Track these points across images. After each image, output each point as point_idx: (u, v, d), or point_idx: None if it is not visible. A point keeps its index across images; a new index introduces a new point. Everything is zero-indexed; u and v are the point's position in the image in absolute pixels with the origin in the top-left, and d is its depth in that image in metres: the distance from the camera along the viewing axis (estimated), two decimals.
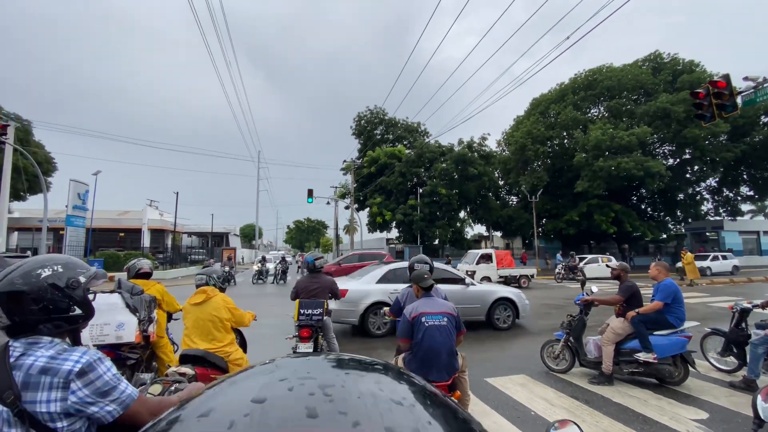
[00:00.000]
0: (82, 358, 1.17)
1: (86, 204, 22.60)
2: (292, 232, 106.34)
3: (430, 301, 3.12)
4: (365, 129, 39.54)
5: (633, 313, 4.68)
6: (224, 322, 3.20)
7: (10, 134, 19.72)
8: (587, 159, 27.27)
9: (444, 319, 2.96)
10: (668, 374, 4.64)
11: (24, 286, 1.19)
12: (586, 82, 31.80)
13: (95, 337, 3.31)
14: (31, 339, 1.18)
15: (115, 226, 39.62)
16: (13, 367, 1.12)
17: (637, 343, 4.67)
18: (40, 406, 1.11)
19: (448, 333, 2.94)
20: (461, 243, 31.89)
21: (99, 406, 1.17)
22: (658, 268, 4.85)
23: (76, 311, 1.29)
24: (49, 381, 1.12)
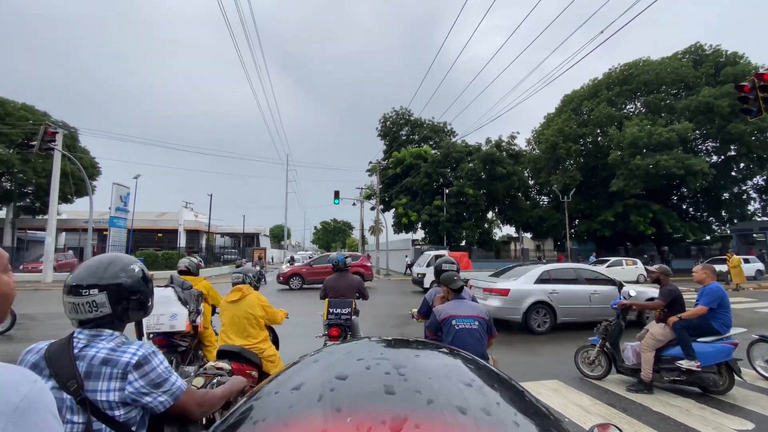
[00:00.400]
0: (139, 351, 1.25)
1: (127, 206, 23.87)
2: (319, 232, 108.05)
3: (460, 303, 3.08)
4: (390, 130, 39.58)
5: (675, 318, 4.44)
6: (258, 319, 3.30)
7: (58, 141, 21.11)
8: (623, 157, 26.14)
9: (475, 322, 2.92)
10: (712, 383, 4.38)
11: (127, 279, 1.32)
12: (621, 77, 30.53)
13: (152, 325, 3.72)
14: (94, 331, 1.27)
15: (154, 227, 41.59)
16: (77, 357, 1.20)
17: (679, 350, 4.44)
18: (101, 395, 1.18)
19: (479, 337, 2.90)
20: (489, 244, 31.35)
21: (152, 396, 1.24)
22: (706, 271, 4.57)
23: (150, 303, 1.42)
24: (109, 372, 1.20)
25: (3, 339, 7.33)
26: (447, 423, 0.60)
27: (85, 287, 1.26)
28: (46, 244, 19.82)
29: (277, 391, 0.75)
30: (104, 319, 1.28)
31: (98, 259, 1.36)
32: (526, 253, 31.79)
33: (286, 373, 0.83)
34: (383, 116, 40.02)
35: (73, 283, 1.26)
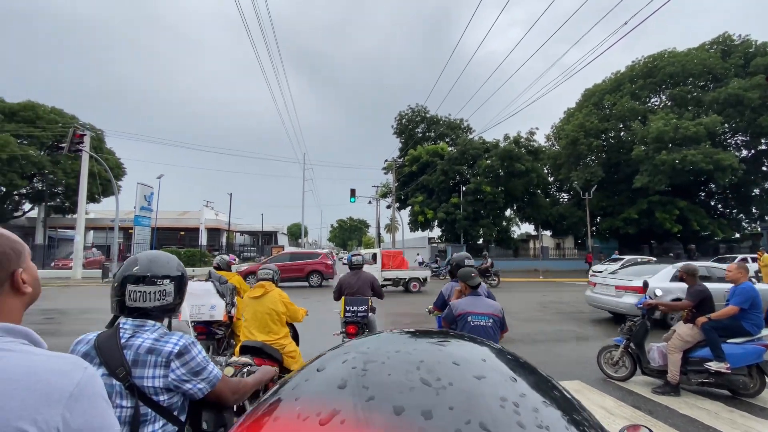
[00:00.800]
0: (180, 341, 1.35)
1: (151, 205, 24.61)
2: (335, 230, 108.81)
3: (476, 300, 3.19)
4: (406, 128, 39.43)
5: (704, 318, 4.29)
6: (280, 315, 3.37)
7: (86, 143, 21.93)
8: (647, 152, 25.36)
9: (489, 320, 3.05)
10: (742, 385, 4.23)
11: (181, 271, 1.49)
12: (645, 70, 29.58)
13: (194, 314, 4.10)
14: (139, 321, 1.37)
15: (176, 225, 42.74)
16: (125, 346, 1.30)
17: (707, 352, 4.29)
18: (147, 381, 1.28)
19: (492, 334, 3.02)
20: (507, 243, 30.94)
21: (192, 383, 1.34)
22: (740, 270, 4.37)
23: (180, 299, 1.52)
24: (154, 360, 1.30)
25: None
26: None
27: (159, 277, 1.40)
28: (76, 242, 20.64)
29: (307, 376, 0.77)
30: (156, 309, 1.40)
31: (157, 254, 1.49)
32: (546, 251, 31.24)
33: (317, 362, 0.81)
34: (399, 114, 39.92)
35: (146, 273, 1.39)
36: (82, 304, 12.01)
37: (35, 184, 34.09)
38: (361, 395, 0.60)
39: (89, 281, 19.71)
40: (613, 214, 29.88)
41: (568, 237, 34.69)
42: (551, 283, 20.57)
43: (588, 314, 10.17)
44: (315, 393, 0.66)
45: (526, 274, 26.52)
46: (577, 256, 32.57)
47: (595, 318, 9.65)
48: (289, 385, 0.74)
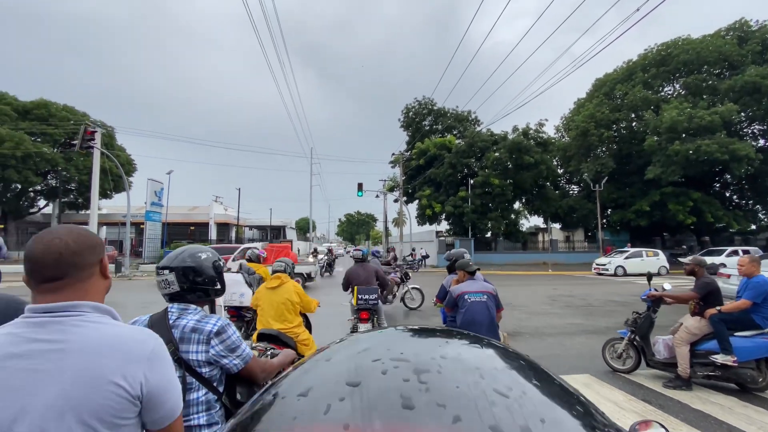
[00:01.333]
0: (218, 322, 1.58)
1: (161, 200, 24.91)
2: (343, 225, 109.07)
3: (473, 283, 3.78)
4: (413, 121, 39.15)
5: (713, 310, 4.23)
6: (295, 305, 3.56)
7: (97, 140, 22.18)
8: (660, 142, 24.82)
9: (484, 296, 3.59)
10: (750, 379, 4.16)
11: (192, 263, 1.64)
12: (658, 58, 28.82)
13: (227, 300, 5.04)
14: (183, 305, 1.61)
15: (187, 220, 43.25)
16: (172, 326, 1.53)
17: (714, 344, 4.23)
18: (191, 355, 1.51)
19: (488, 307, 3.54)
20: (516, 236, 30.70)
21: (229, 359, 1.56)
22: (754, 264, 4.27)
23: (217, 285, 1.72)
24: (197, 337, 1.53)
25: None
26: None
27: (161, 268, 1.63)
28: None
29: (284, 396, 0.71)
30: (177, 295, 1.62)
31: (178, 248, 1.73)
32: (555, 244, 30.94)
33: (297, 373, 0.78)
34: (406, 107, 39.63)
35: (157, 266, 1.67)
36: None
37: (49, 180, 34.76)
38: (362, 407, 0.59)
39: None
40: (624, 206, 29.41)
41: (577, 230, 34.28)
42: (560, 277, 20.39)
43: (598, 307, 10.06)
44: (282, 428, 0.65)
45: (535, 267, 26.32)
46: (587, 249, 32.21)
47: (606, 311, 9.54)
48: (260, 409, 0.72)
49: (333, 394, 0.64)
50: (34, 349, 0.87)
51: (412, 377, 0.65)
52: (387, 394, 0.61)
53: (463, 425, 0.54)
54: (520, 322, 8.34)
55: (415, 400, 0.59)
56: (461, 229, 30.19)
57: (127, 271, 20.23)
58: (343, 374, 0.70)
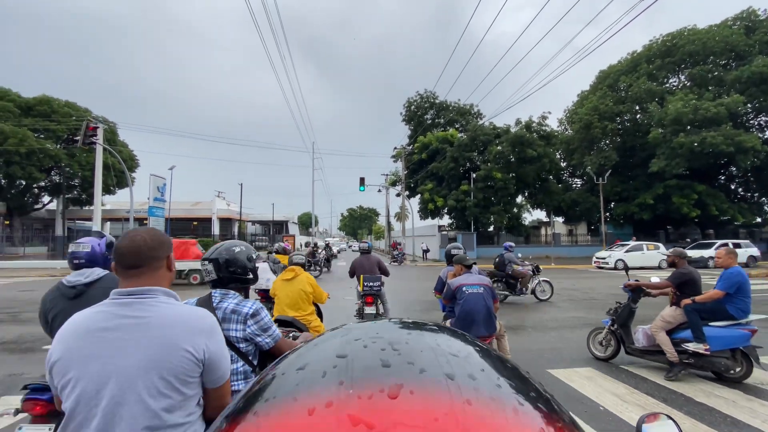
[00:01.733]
0: (253, 306, 1.88)
1: (164, 196, 24.92)
2: (345, 219, 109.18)
3: (469, 276, 4.03)
4: (415, 114, 38.93)
5: (688, 300, 4.38)
6: (308, 295, 3.91)
7: (99, 136, 22.19)
8: (665, 135, 24.60)
9: (480, 288, 3.84)
10: (724, 368, 4.25)
11: (227, 255, 1.93)
12: (663, 48, 28.47)
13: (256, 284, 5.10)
14: (224, 291, 1.91)
15: (189, 216, 43.39)
16: (216, 308, 1.82)
17: (689, 333, 4.36)
18: (231, 332, 1.80)
19: (484, 298, 3.79)
20: (519, 229, 30.54)
21: (261, 338, 1.86)
22: (729, 255, 4.43)
23: (250, 275, 2.00)
24: (236, 317, 1.83)
25: None
26: (437, 388, 0.68)
27: (203, 260, 1.96)
28: (93, 232, 21.08)
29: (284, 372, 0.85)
30: (218, 282, 1.92)
31: (218, 243, 2.03)
32: (558, 238, 30.82)
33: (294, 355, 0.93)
34: (407, 100, 39.40)
35: (203, 257, 1.96)
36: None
37: (53, 177, 34.89)
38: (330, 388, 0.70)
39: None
40: (628, 199, 29.23)
41: (580, 223, 34.14)
42: (563, 270, 20.35)
43: (600, 301, 10.03)
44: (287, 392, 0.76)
45: (538, 261, 26.16)
46: (590, 242, 32.09)
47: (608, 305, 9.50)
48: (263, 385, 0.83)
49: (326, 365, 0.79)
50: (122, 323, 1.15)
51: (387, 347, 0.83)
52: (369, 359, 0.78)
53: (427, 374, 0.72)
54: (522, 315, 8.33)
55: (391, 361, 0.77)
56: (464, 223, 30.09)
57: None
58: (332, 351, 0.86)
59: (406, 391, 0.66)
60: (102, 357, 1.12)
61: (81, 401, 1.10)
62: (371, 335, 0.91)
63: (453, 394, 0.66)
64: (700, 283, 4.50)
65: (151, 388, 1.11)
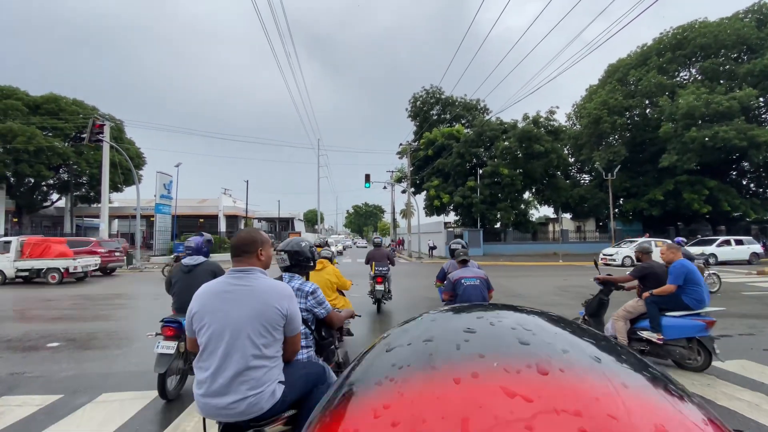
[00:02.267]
0: (312, 286, 2.53)
1: (170, 193, 25.02)
2: (351, 216, 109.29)
3: (467, 269, 4.52)
4: (421, 110, 38.65)
5: (647, 293, 4.74)
6: (333, 284, 4.51)
7: (106, 133, 22.31)
8: (676, 129, 24.16)
9: (477, 281, 4.34)
10: (679, 356, 4.52)
11: (297, 248, 2.58)
12: (674, 42, 27.91)
13: None
14: (291, 274, 2.56)
15: (196, 213, 43.62)
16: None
17: (647, 323, 4.70)
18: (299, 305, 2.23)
19: (480, 289, 4.30)
20: (526, 226, 30.17)
21: (318, 309, 2.51)
22: (671, 250, 4.80)
23: (311, 263, 2.67)
24: (300, 294, 2.45)
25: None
26: (587, 368, 0.66)
27: (278, 251, 2.60)
28: (101, 230, 21.25)
29: (410, 343, 0.81)
30: (288, 267, 2.58)
31: (289, 238, 2.71)
32: (566, 234, 30.48)
33: (410, 327, 0.91)
34: (413, 96, 39.13)
35: (277, 248, 2.61)
36: (106, 290, 12.37)
37: (61, 174, 35.21)
38: (472, 360, 0.70)
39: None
40: (637, 195, 28.82)
41: (589, 219, 33.72)
42: (571, 267, 20.13)
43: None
44: (424, 362, 0.74)
45: (545, 258, 26.02)
46: (598, 239, 31.74)
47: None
48: (389, 353, 0.81)
49: (455, 338, 0.76)
50: (236, 288, 1.81)
51: (517, 326, 0.79)
52: (503, 337, 0.76)
53: (571, 354, 0.70)
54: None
55: (528, 339, 0.74)
56: (470, 220, 29.86)
57: (138, 263, 20.43)
58: (456, 326, 0.82)
59: (554, 368, 0.64)
60: (224, 310, 1.78)
61: (212, 338, 1.75)
62: (492, 315, 0.89)
63: (607, 376, 0.64)
64: (663, 276, 4.73)
65: (255, 331, 1.75)
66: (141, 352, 5.42)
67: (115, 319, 7.89)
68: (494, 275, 15.48)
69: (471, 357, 0.69)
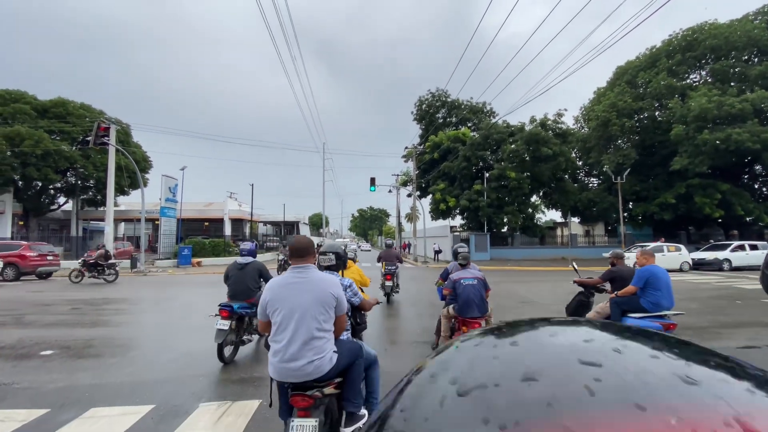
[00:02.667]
0: (348, 280, 3.15)
1: (176, 196, 24.98)
2: (356, 220, 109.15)
3: (466, 271, 5.02)
4: (427, 113, 38.43)
5: (612, 295, 5.19)
6: (357, 281, 4.94)
7: (112, 137, 22.33)
8: (688, 132, 23.68)
9: (474, 281, 4.82)
10: None
11: (339, 250, 3.32)
12: (683, 43, 27.47)
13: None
14: (330, 271, 3.04)
15: (201, 216, 43.68)
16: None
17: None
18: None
19: (478, 289, 4.77)
20: (533, 230, 29.63)
21: (354, 298, 3.10)
22: (645, 256, 5.12)
23: (345, 263, 3.49)
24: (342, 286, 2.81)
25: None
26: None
27: (325, 252, 3.20)
28: (106, 233, 21.20)
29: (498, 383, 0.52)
30: (330, 267, 3.14)
31: (331, 242, 5.78)
32: (574, 239, 29.99)
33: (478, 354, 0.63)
34: (419, 99, 38.94)
35: (322, 251, 3.19)
36: (108, 294, 12.22)
37: (69, 178, 35.42)
38: (629, 415, 0.46)
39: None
40: (647, 199, 28.29)
41: (597, 224, 33.20)
42: (582, 273, 19.74)
43: None
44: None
45: (553, 262, 25.56)
46: (607, 243, 31.20)
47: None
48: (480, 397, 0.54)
49: (576, 376, 0.50)
50: (299, 281, 2.41)
51: (660, 356, 0.55)
52: (648, 372, 0.51)
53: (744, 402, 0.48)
54: None
55: (689, 375, 0.51)
56: (476, 224, 29.48)
57: (142, 267, 20.32)
58: (560, 355, 0.57)
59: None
60: (291, 296, 2.35)
61: (284, 317, 2.32)
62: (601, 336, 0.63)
63: None
64: (629, 279, 5.02)
65: (316, 311, 2.33)
66: (136, 361, 5.20)
67: (114, 326, 7.69)
68: (503, 280, 15.13)
69: (623, 409, 0.45)
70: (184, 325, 7.58)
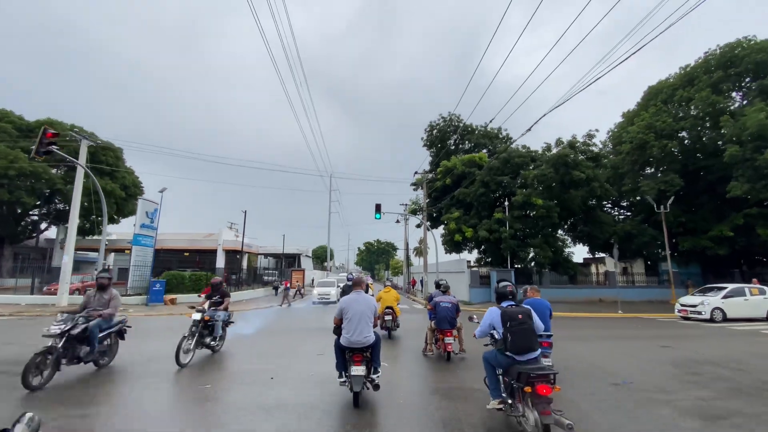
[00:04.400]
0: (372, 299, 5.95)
1: (154, 222, 21.85)
2: (362, 253, 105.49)
3: (445, 297, 7.96)
4: (437, 138, 35.86)
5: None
6: (394, 301, 10.46)
7: (82, 153, 19.72)
8: (744, 152, 20.36)
9: (449, 305, 7.75)
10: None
11: (368, 280, 13.82)
12: (723, 60, 24.75)
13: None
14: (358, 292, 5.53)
15: (193, 247, 40.58)
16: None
17: None
18: None
19: (452, 310, 7.70)
20: (564, 266, 25.29)
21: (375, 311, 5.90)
22: (532, 290, 6.44)
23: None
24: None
25: None
26: None
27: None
28: (63, 263, 17.97)
29: None
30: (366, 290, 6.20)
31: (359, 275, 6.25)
32: (612, 277, 25.86)
33: None
34: (429, 124, 36.54)
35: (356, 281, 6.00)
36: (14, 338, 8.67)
37: (56, 203, 32.92)
38: None
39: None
40: (695, 231, 24.53)
41: (636, 260, 29.11)
42: (636, 320, 15.77)
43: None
44: None
45: (591, 306, 21.51)
46: (647, 283, 27.07)
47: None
48: None
49: None
50: (359, 298, 5.28)
51: None
52: None
53: None
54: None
55: None
56: (497, 258, 25.63)
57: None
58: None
59: None
60: (357, 305, 5.14)
61: (353, 316, 5.06)
62: None
63: None
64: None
65: (368, 316, 5.14)
66: None
67: None
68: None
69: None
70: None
